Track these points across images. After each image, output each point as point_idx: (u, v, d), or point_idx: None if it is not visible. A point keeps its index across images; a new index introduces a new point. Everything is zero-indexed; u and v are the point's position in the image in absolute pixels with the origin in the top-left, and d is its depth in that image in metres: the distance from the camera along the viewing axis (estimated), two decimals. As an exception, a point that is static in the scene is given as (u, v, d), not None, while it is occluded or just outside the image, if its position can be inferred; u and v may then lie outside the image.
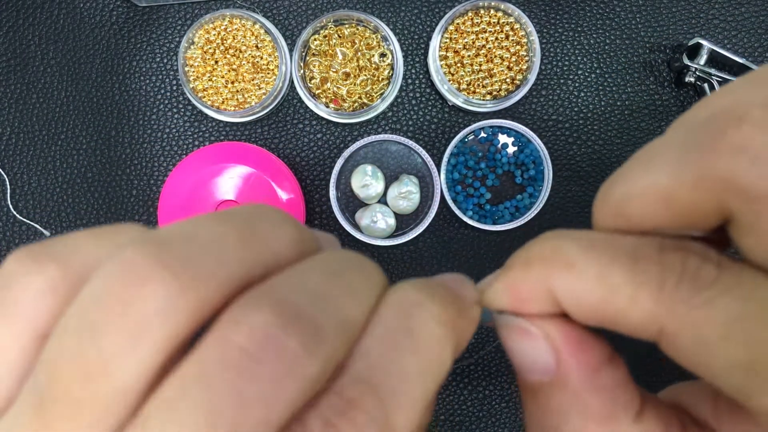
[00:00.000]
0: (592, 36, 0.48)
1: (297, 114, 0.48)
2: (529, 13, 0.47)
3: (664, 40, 0.48)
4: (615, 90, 0.48)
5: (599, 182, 0.48)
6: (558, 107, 0.48)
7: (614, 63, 0.48)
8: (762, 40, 0.48)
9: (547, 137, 0.48)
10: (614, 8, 0.48)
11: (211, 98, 0.46)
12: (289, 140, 0.48)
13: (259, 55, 0.46)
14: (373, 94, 0.47)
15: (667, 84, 0.48)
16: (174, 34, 0.48)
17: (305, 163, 0.48)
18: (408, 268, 0.48)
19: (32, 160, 0.48)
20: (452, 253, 0.48)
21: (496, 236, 0.48)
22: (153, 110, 0.48)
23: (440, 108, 0.48)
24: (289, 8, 0.48)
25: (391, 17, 0.48)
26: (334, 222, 0.47)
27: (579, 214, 0.48)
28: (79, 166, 0.48)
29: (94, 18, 0.48)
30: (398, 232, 0.47)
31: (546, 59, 0.48)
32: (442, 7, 0.48)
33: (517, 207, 0.47)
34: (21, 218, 0.48)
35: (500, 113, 0.47)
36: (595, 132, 0.48)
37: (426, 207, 0.47)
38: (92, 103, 0.48)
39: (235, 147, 0.46)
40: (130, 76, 0.48)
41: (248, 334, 0.11)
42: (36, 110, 0.48)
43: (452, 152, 0.47)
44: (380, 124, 0.48)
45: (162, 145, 0.48)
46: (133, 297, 0.11)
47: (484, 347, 0.48)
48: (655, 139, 0.14)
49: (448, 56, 0.46)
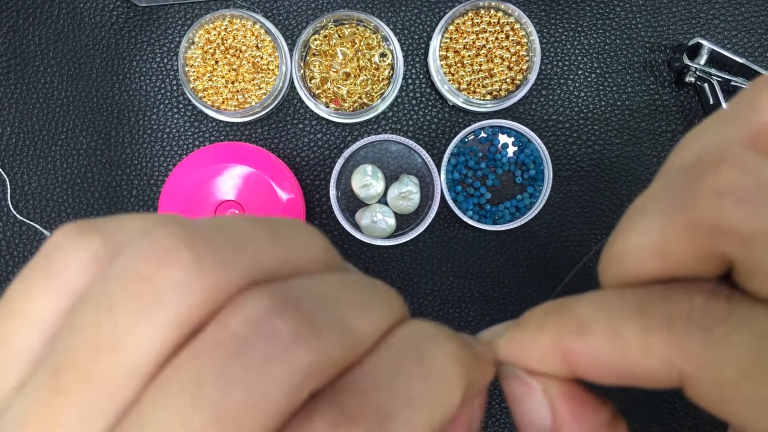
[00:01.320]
0: (592, 36, 0.48)
1: (297, 114, 0.48)
2: (529, 13, 0.47)
3: (664, 40, 0.48)
4: (615, 90, 0.48)
5: (599, 182, 0.48)
6: (558, 107, 0.48)
7: (614, 63, 0.48)
8: (762, 40, 0.48)
9: (547, 137, 0.48)
10: (614, 8, 0.48)
11: (211, 98, 0.46)
12: (289, 140, 0.48)
13: (260, 55, 0.46)
14: (373, 94, 0.47)
15: (667, 84, 0.48)
16: (174, 34, 0.48)
17: (305, 163, 0.48)
18: (408, 268, 0.48)
19: (32, 160, 0.48)
20: (452, 253, 0.48)
21: (496, 236, 0.48)
22: (153, 110, 0.48)
23: (440, 108, 0.48)
24: (289, 8, 0.48)
25: (391, 17, 0.48)
26: (334, 222, 0.47)
27: (579, 214, 0.48)
28: (79, 166, 0.48)
29: (94, 18, 0.48)
30: (398, 232, 0.47)
31: (546, 59, 0.48)
32: (442, 7, 0.48)
33: (517, 207, 0.47)
34: (21, 218, 0.48)
35: (500, 113, 0.47)
36: (595, 132, 0.48)
37: (426, 207, 0.47)
38: (92, 103, 0.48)
39: (235, 147, 0.46)
40: (130, 76, 0.48)
41: (242, 317, 0.11)
42: (36, 110, 0.48)
43: (452, 152, 0.47)
44: (380, 124, 0.48)
45: (162, 145, 0.48)
46: (152, 273, 0.11)
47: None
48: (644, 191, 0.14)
49: (448, 56, 0.46)
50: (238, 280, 0.12)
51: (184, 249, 0.12)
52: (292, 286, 0.12)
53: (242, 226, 0.13)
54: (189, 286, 0.11)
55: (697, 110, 0.48)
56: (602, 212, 0.48)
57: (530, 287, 0.48)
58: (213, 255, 0.12)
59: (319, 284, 0.13)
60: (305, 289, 0.12)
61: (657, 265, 0.13)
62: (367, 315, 0.13)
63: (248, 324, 0.11)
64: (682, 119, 0.48)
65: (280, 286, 0.12)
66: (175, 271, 0.11)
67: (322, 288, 0.13)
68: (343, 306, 0.13)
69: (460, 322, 0.48)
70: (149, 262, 0.12)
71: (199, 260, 0.12)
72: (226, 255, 0.12)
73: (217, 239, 0.12)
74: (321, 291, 0.13)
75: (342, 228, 0.47)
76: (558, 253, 0.48)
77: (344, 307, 0.13)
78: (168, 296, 0.11)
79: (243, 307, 0.12)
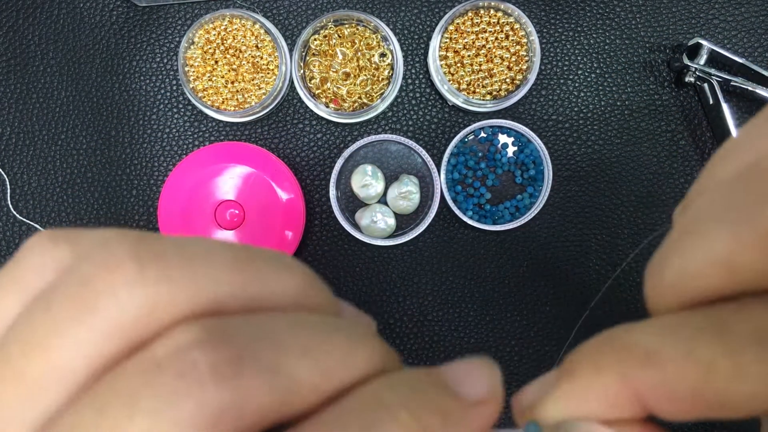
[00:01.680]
0: (592, 36, 0.48)
1: (297, 114, 0.48)
2: (529, 13, 0.47)
3: (664, 40, 0.48)
4: (615, 90, 0.48)
5: (599, 182, 0.48)
6: (558, 107, 0.48)
7: (614, 63, 0.48)
8: (762, 40, 0.48)
9: (547, 137, 0.48)
10: (614, 8, 0.48)
11: (211, 98, 0.46)
12: (289, 140, 0.48)
13: (259, 55, 0.46)
14: (373, 94, 0.47)
15: (667, 84, 0.48)
16: (174, 34, 0.48)
17: (305, 163, 0.48)
18: (408, 268, 0.48)
19: (32, 160, 0.48)
20: (452, 253, 0.48)
21: (496, 236, 0.48)
22: (153, 110, 0.48)
23: (440, 108, 0.48)
24: (289, 8, 0.48)
25: (391, 17, 0.48)
26: (334, 222, 0.48)
27: (579, 214, 0.48)
28: (79, 166, 0.48)
29: (94, 18, 0.48)
30: (398, 232, 0.47)
31: (546, 59, 0.48)
32: (442, 7, 0.48)
33: (517, 207, 0.47)
34: (21, 218, 0.48)
35: (500, 113, 0.47)
36: (595, 132, 0.48)
37: (426, 207, 0.47)
38: (92, 103, 0.48)
39: (235, 147, 0.46)
40: (130, 76, 0.48)
41: (167, 345, 0.11)
42: (36, 110, 0.48)
43: (452, 152, 0.47)
44: (380, 124, 0.48)
45: (162, 145, 0.48)
46: (92, 278, 0.11)
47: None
48: (682, 214, 0.13)
49: (448, 56, 0.46)
50: (180, 302, 0.12)
51: (130, 258, 0.11)
52: (233, 322, 0.12)
53: (206, 248, 0.12)
54: (126, 296, 0.11)
55: (697, 110, 0.48)
56: (602, 212, 0.48)
57: (530, 287, 0.48)
58: (159, 270, 0.11)
59: (271, 323, 0.12)
60: (248, 326, 0.12)
61: (726, 281, 0.12)
62: (317, 363, 0.12)
63: (170, 353, 0.11)
64: (681, 119, 0.48)
65: (220, 319, 0.12)
66: (114, 277, 0.11)
67: (271, 327, 0.12)
68: (288, 350, 0.12)
69: (460, 322, 0.48)
70: (94, 267, 0.11)
71: (141, 270, 0.11)
72: (173, 272, 0.12)
73: (170, 256, 0.12)
74: (268, 330, 0.12)
75: (342, 228, 0.47)
76: (558, 253, 0.48)
77: (289, 351, 0.12)
78: (103, 302, 0.11)
79: (171, 335, 0.11)
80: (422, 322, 0.48)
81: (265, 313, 0.12)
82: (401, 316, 0.48)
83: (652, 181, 0.48)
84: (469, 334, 0.48)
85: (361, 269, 0.48)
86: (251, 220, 0.45)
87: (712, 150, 0.48)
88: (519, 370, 0.48)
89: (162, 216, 0.46)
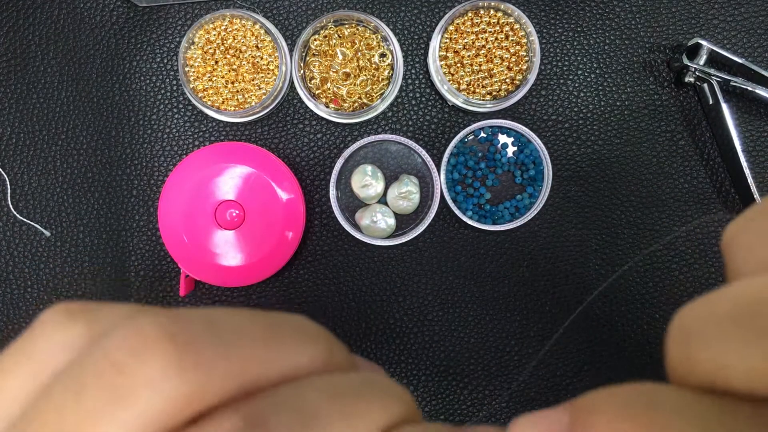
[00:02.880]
0: (592, 36, 0.48)
1: (297, 114, 0.48)
2: (529, 13, 0.47)
3: (664, 40, 0.48)
4: (615, 90, 0.48)
5: (599, 182, 0.48)
6: (558, 107, 0.48)
7: (614, 63, 0.48)
8: (762, 40, 0.48)
9: (547, 137, 0.48)
10: (614, 8, 0.48)
11: (211, 98, 0.46)
12: (289, 140, 0.48)
13: (259, 55, 0.46)
14: (373, 94, 0.47)
15: (667, 84, 0.48)
16: (174, 34, 0.48)
17: (305, 163, 0.48)
18: (408, 268, 0.48)
19: (32, 160, 0.48)
20: (452, 253, 0.48)
21: (496, 236, 0.48)
22: (153, 110, 0.48)
23: (440, 108, 0.48)
24: (289, 8, 0.48)
25: (391, 17, 0.48)
26: (334, 222, 0.48)
27: (579, 214, 0.48)
28: (79, 166, 0.48)
29: (94, 18, 0.48)
30: (398, 232, 0.47)
31: (546, 59, 0.48)
32: (442, 7, 0.48)
33: (517, 207, 0.47)
34: (21, 218, 0.48)
35: (500, 113, 0.47)
36: (595, 132, 0.48)
37: (426, 207, 0.47)
38: (92, 103, 0.48)
39: (235, 147, 0.46)
40: (130, 76, 0.48)
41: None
42: (36, 110, 0.48)
43: (452, 152, 0.47)
44: (380, 124, 0.48)
45: (162, 145, 0.48)
46: (128, 364, 0.11)
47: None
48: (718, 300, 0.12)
49: (448, 56, 0.46)
50: (219, 389, 0.11)
51: (166, 342, 0.11)
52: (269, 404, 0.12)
53: (235, 324, 0.12)
54: (164, 386, 0.11)
55: (697, 110, 0.48)
56: (602, 212, 0.48)
57: (530, 287, 0.48)
58: (196, 355, 0.11)
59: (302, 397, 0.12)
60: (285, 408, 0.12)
61: None
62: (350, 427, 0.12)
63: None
64: (681, 119, 0.48)
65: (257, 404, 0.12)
66: (152, 367, 0.11)
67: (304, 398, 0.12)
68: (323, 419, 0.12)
69: (460, 322, 0.48)
70: (127, 352, 0.11)
71: (180, 359, 0.11)
72: (210, 357, 0.11)
73: (203, 336, 0.11)
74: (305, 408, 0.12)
75: (342, 228, 0.47)
76: (558, 253, 0.48)
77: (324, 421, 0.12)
78: (140, 392, 0.11)
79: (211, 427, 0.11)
80: (422, 322, 0.48)
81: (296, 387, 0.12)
82: (401, 316, 0.48)
83: (651, 181, 0.48)
84: (469, 334, 0.48)
85: (361, 269, 0.48)
86: (251, 220, 0.45)
87: (712, 150, 0.48)
88: (519, 370, 0.48)
89: (162, 216, 0.46)
